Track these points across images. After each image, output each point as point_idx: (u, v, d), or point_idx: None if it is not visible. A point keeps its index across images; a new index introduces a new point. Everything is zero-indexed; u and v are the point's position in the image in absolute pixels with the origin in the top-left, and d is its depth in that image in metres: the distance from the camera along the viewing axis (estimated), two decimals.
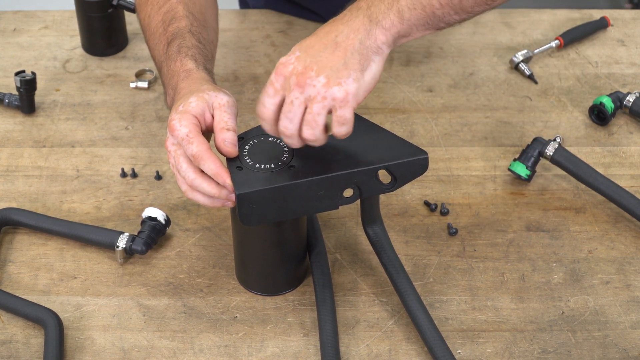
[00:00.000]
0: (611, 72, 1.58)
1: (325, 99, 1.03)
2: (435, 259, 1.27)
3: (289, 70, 1.05)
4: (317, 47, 1.05)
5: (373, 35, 1.06)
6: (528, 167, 1.35)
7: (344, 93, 1.03)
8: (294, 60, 1.05)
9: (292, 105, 1.05)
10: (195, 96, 1.12)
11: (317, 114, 1.04)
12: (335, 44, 1.05)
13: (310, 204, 1.10)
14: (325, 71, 1.03)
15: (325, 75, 1.03)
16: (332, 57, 1.04)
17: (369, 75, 1.06)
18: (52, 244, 1.29)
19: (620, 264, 1.26)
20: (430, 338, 1.13)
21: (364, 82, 1.05)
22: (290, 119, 1.05)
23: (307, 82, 1.03)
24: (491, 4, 1.14)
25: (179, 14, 1.26)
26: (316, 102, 1.04)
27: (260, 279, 1.22)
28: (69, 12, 1.70)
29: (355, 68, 1.04)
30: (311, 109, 1.04)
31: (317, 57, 1.04)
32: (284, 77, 1.05)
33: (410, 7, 1.07)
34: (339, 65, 1.04)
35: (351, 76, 1.04)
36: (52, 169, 1.40)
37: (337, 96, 1.03)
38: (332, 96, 1.03)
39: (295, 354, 1.15)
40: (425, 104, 1.51)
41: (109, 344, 1.16)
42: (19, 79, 1.45)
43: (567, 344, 1.17)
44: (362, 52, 1.05)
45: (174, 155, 1.11)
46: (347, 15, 1.07)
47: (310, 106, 1.04)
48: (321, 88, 1.03)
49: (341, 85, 1.03)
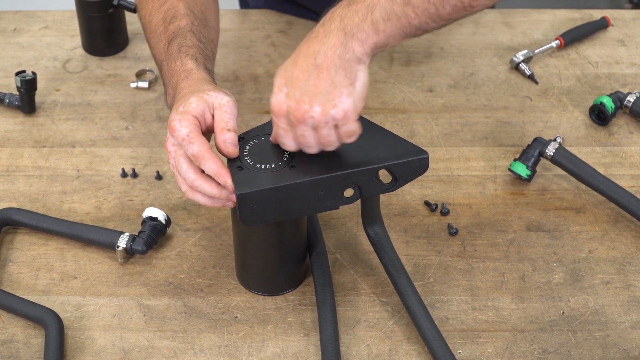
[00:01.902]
0: (611, 72, 1.58)
1: (328, 122, 1.06)
2: (435, 259, 1.27)
3: (284, 110, 1.07)
4: (300, 77, 1.05)
5: (350, 48, 1.05)
6: (528, 167, 1.35)
7: (342, 113, 1.05)
8: (285, 99, 1.06)
9: (305, 138, 1.08)
10: (195, 96, 1.12)
11: (328, 135, 1.07)
12: (317, 68, 1.05)
13: (310, 204, 1.10)
14: (317, 98, 1.05)
15: (318, 103, 1.05)
16: (318, 83, 1.05)
17: (359, 84, 1.06)
18: (53, 244, 1.29)
19: (621, 264, 1.26)
20: (431, 338, 1.13)
21: (357, 93, 1.06)
22: (310, 146, 1.09)
23: (304, 116, 1.05)
24: (470, 10, 1.12)
25: (180, 13, 1.26)
26: (321, 127, 1.06)
27: (261, 279, 1.22)
28: (69, 12, 1.70)
29: (345, 84, 1.05)
30: (321, 134, 1.07)
31: (304, 88, 1.05)
32: (284, 116, 1.07)
33: (384, 18, 1.06)
34: (327, 87, 1.04)
35: (343, 94, 1.05)
36: (53, 169, 1.40)
37: (337, 117, 1.05)
38: (332, 118, 1.05)
39: (296, 354, 1.15)
40: (425, 104, 1.51)
41: (109, 344, 1.16)
42: (20, 79, 1.45)
43: (567, 344, 1.17)
44: (345, 66, 1.05)
45: (174, 156, 1.11)
46: (321, 32, 1.07)
47: (319, 132, 1.07)
48: (320, 117, 1.05)
49: (337, 107, 1.05)
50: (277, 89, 1.07)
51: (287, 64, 1.08)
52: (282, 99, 1.06)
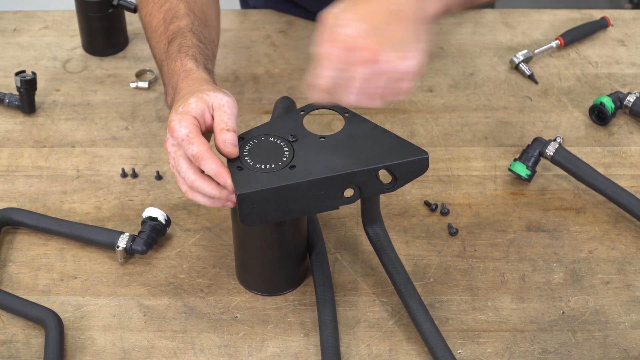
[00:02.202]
0: (611, 72, 1.58)
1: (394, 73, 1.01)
2: (435, 259, 1.27)
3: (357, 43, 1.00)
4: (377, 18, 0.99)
5: (421, 6, 1.03)
6: (528, 167, 1.35)
7: (414, 65, 1.01)
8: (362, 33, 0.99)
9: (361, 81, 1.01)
10: (195, 97, 1.12)
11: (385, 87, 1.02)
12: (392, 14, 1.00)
13: (310, 204, 1.10)
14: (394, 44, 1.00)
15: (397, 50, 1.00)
16: (398, 29, 1.00)
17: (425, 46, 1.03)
18: (53, 244, 1.29)
19: (621, 264, 1.26)
20: (431, 338, 1.13)
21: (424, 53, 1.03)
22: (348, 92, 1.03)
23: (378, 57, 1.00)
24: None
25: (180, 13, 1.26)
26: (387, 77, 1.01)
27: (261, 279, 1.22)
28: (69, 12, 1.70)
29: (419, 39, 1.02)
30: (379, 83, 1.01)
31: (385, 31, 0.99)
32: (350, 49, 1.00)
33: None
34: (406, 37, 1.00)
35: (419, 48, 1.01)
36: (53, 169, 1.40)
37: (407, 70, 1.01)
38: (401, 70, 1.01)
39: (296, 354, 1.15)
40: (425, 104, 1.51)
41: (109, 344, 1.17)
42: (20, 79, 1.45)
43: (567, 344, 1.17)
44: (417, 22, 1.02)
45: (174, 156, 1.11)
46: None
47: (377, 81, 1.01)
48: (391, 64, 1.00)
49: (413, 59, 1.01)
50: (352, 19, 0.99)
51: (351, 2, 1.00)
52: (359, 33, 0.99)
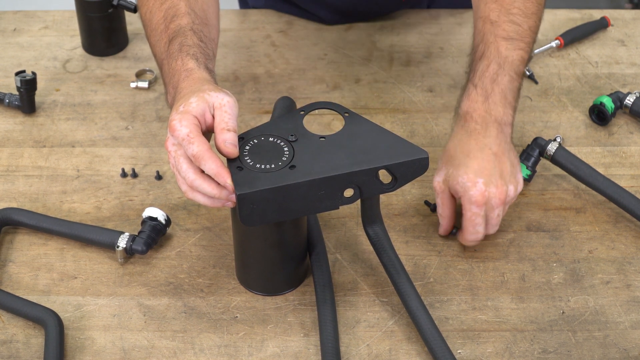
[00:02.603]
0: (611, 72, 1.58)
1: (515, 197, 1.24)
2: (435, 259, 1.27)
3: (486, 197, 1.20)
4: (487, 166, 1.20)
5: (506, 132, 1.24)
6: (528, 167, 1.35)
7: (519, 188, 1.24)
8: (484, 187, 1.20)
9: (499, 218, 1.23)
10: (195, 96, 1.12)
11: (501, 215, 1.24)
12: (495, 156, 1.21)
13: (310, 204, 1.10)
14: (507, 179, 1.21)
15: (510, 183, 1.22)
16: (503, 167, 1.21)
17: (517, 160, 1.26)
18: (53, 244, 1.29)
19: (621, 264, 1.26)
20: (431, 338, 1.13)
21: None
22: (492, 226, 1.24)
23: (505, 197, 1.21)
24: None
25: (181, 11, 1.26)
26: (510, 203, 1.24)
27: (261, 279, 1.22)
28: (69, 12, 1.70)
29: (516, 162, 1.24)
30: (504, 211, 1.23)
31: (496, 176, 1.20)
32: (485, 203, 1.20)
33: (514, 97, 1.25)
34: (510, 168, 1.22)
35: (519, 170, 1.24)
36: (53, 169, 1.40)
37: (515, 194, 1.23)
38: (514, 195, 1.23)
39: (296, 354, 1.15)
40: (425, 104, 1.51)
41: (109, 344, 1.17)
42: (20, 79, 1.45)
43: (567, 344, 1.17)
44: (509, 148, 1.23)
45: (174, 156, 1.11)
46: (478, 127, 1.22)
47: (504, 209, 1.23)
48: (514, 194, 1.23)
49: (519, 182, 1.24)
50: (471, 182, 1.20)
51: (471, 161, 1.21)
52: (482, 188, 1.20)
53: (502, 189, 1.20)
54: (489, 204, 1.21)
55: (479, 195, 1.20)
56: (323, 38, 1.65)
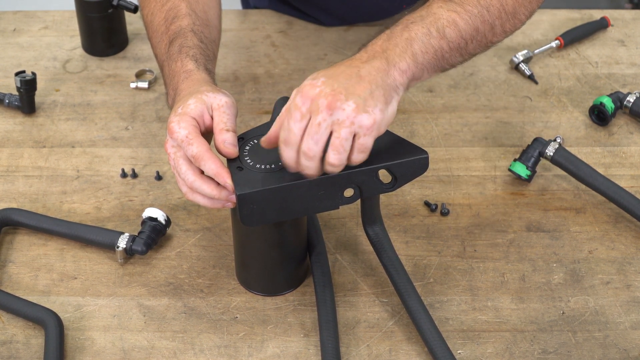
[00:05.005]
0: (611, 73, 1.58)
1: (353, 124, 1.03)
2: (435, 259, 1.27)
3: (315, 92, 1.04)
4: (341, 76, 1.05)
5: (392, 75, 1.08)
6: (528, 167, 1.35)
7: (372, 121, 1.04)
8: (321, 84, 1.04)
9: (320, 127, 1.03)
10: (194, 98, 1.12)
11: (345, 139, 1.04)
12: (359, 76, 1.05)
13: (310, 204, 1.10)
14: (354, 97, 1.03)
15: (354, 101, 1.03)
16: (358, 87, 1.04)
17: (390, 110, 1.07)
18: (53, 244, 1.29)
19: (621, 264, 1.26)
20: (431, 338, 1.13)
21: (387, 115, 1.06)
22: (316, 141, 1.04)
23: (337, 104, 1.03)
24: (490, 45, 1.20)
25: (182, 12, 1.26)
26: (344, 126, 1.03)
27: (261, 279, 1.22)
28: (69, 12, 1.70)
29: (381, 100, 1.05)
30: (339, 133, 1.03)
31: (344, 84, 1.04)
32: (311, 99, 1.04)
33: (423, 50, 1.10)
34: (366, 94, 1.04)
35: (378, 106, 1.05)
36: (52, 169, 1.40)
37: (364, 123, 1.03)
38: (359, 123, 1.03)
39: (296, 355, 1.15)
40: (425, 104, 1.51)
41: (109, 345, 1.16)
42: (19, 79, 1.45)
43: (567, 345, 1.17)
44: (385, 88, 1.07)
45: (174, 158, 1.11)
46: (364, 56, 1.09)
47: (337, 130, 1.03)
48: (351, 112, 1.03)
49: (369, 113, 1.04)
50: (314, 77, 1.05)
51: (328, 68, 1.07)
52: (318, 83, 1.04)
53: (338, 96, 1.03)
54: (315, 104, 1.03)
55: (309, 86, 1.04)
56: (323, 38, 1.65)
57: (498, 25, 1.17)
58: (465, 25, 1.13)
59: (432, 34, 1.11)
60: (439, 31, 1.11)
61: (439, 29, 1.11)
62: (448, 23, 1.12)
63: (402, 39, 1.10)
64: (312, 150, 1.04)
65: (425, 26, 1.11)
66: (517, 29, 1.21)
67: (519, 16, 1.19)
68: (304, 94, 1.04)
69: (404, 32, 1.10)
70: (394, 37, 1.10)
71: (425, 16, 1.12)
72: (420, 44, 1.10)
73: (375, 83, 1.06)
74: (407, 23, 1.12)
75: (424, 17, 1.12)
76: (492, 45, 1.20)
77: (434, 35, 1.11)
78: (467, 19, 1.13)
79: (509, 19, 1.18)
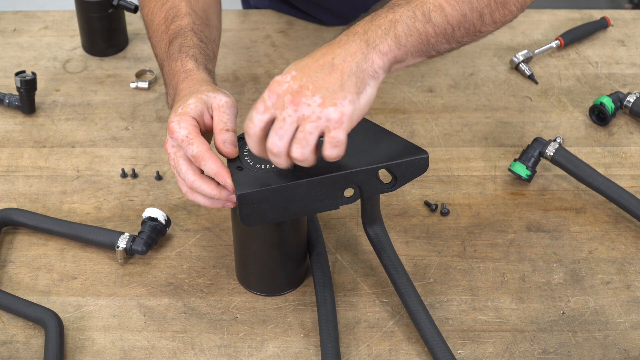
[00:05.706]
0: (611, 73, 1.58)
1: (320, 119, 1.02)
2: (435, 259, 1.27)
3: (283, 89, 1.03)
4: (313, 67, 1.04)
5: (370, 59, 1.06)
6: (528, 167, 1.35)
7: (339, 114, 1.02)
8: (289, 79, 1.04)
9: (284, 123, 1.03)
10: (194, 97, 1.12)
11: (309, 133, 1.02)
12: (332, 66, 1.04)
13: (310, 204, 1.10)
14: (321, 91, 1.03)
15: (321, 95, 1.02)
16: (328, 78, 1.03)
17: (364, 98, 1.05)
18: (53, 244, 1.29)
19: (621, 264, 1.26)
20: (431, 338, 1.13)
21: (359, 105, 1.05)
22: (280, 136, 1.03)
23: (302, 100, 1.02)
24: (479, 35, 1.16)
25: (182, 12, 1.26)
26: (310, 121, 1.02)
27: (261, 279, 1.22)
28: (69, 12, 1.70)
29: (352, 90, 1.04)
30: (303, 128, 1.02)
31: (313, 77, 1.03)
32: (277, 95, 1.04)
33: (407, 33, 1.08)
34: (335, 86, 1.03)
35: (347, 98, 1.03)
36: (53, 169, 1.40)
37: (332, 117, 1.02)
38: (326, 117, 1.02)
39: (296, 355, 1.15)
40: (425, 104, 1.51)
41: (109, 345, 1.16)
42: (19, 79, 1.45)
43: (567, 345, 1.17)
44: (359, 75, 1.05)
45: (174, 158, 1.11)
46: (343, 39, 1.07)
47: (302, 125, 1.02)
48: (316, 107, 1.02)
49: (337, 107, 1.02)
50: (285, 71, 1.05)
51: (304, 58, 1.06)
52: (287, 79, 1.04)
53: (304, 92, 1.02)
54: (281, 100, 1.03)
55: (277, 83, 1.04)
56: (323, 38, 1.65)
57: (487, 14, 1.15)
58: (452, 10, 1.11)
59: (417, 17, 1.08)
60: (424, 15, 1.09)
61: (424, 13, 1.09)
62: (434, 7, 1.09)
63: (386, 21, 1.08)
64: (276, 145, 1.04)
65: (410, 9, 1.09)
66: (507, 21, 1.19)
67: (509, 7, 1.17)
68: (271, 89, 1.04)
69: (388, 13, 1.08)
70: (378, 18, 1.08)
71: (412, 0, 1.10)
72: (404, 26, 1.08)
73: (349, 71, 1.04)
74: (392, 5, 1.10)
75: (410, 1, 1.10)
76: (482, 35, 1.17)
77: (419, 19, 1.08)
78: (455, 4, 1.11)
79: (498, 9, 1.16)
